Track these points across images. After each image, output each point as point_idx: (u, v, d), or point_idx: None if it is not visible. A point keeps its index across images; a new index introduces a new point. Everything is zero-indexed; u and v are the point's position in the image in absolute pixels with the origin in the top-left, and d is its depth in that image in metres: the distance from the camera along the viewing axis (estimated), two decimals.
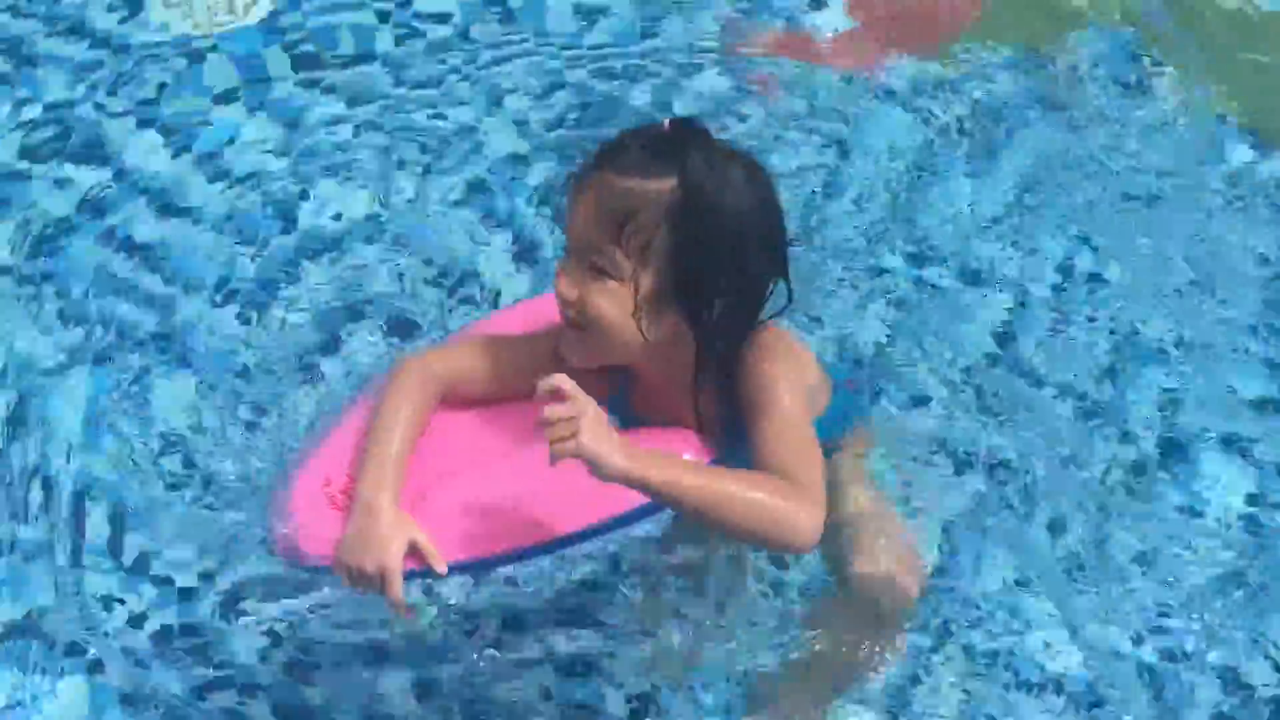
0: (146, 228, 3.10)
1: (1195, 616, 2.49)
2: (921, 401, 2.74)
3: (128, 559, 2.54)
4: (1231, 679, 2.43)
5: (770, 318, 2.15)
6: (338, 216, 3.12)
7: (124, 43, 3.49)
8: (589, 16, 3.58)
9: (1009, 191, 3.18)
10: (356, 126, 3.31)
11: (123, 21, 3.54)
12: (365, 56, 3.47)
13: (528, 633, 2.38)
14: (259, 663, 2.41)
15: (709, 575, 2.38)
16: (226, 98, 3.38)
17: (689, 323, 2.08)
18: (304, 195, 3.17)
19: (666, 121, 2.09)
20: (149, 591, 2.50)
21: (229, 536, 2.51)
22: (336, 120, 3.33)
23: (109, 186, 3.19)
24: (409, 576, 1.99)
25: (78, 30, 3.52)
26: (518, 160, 3.24)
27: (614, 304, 2.05)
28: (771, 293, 2.14)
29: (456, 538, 2.02)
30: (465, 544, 2.02)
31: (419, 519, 2.03)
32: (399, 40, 3.51)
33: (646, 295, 2.05)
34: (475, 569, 2.08)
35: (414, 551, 2.01)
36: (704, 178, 2.01)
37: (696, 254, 2.03)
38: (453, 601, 2.36)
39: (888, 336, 2.86)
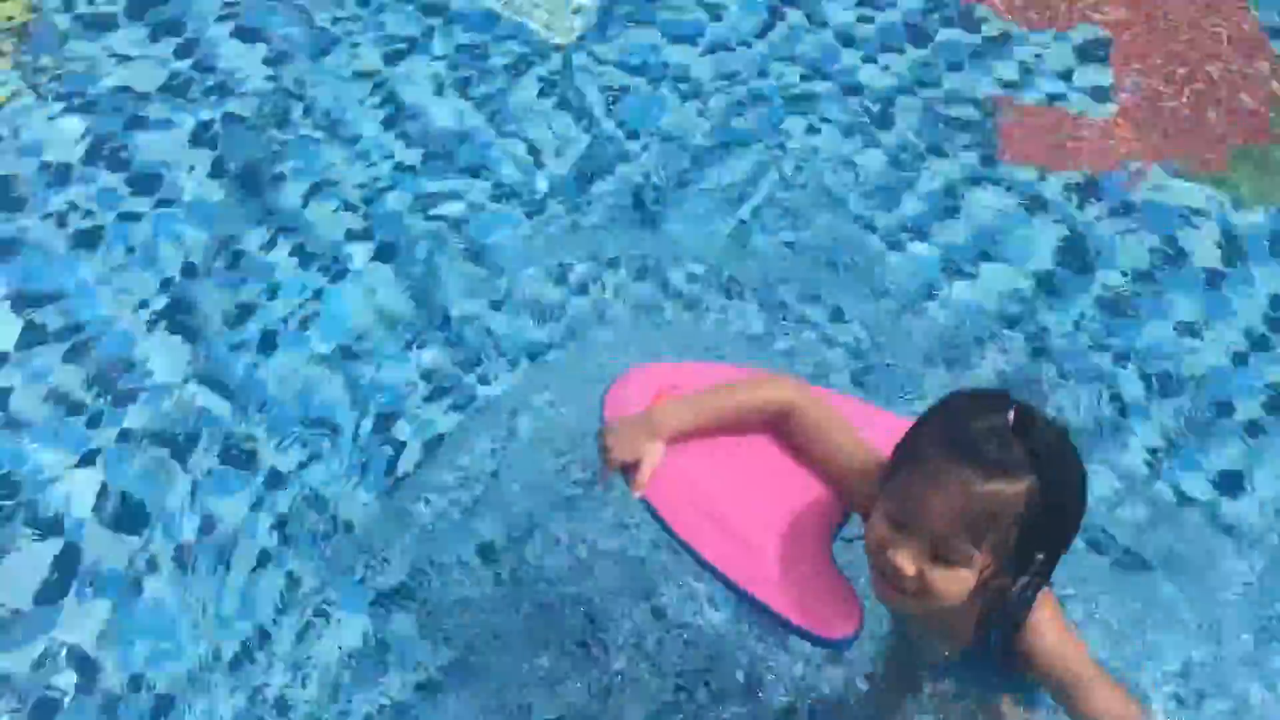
0: None
1: None
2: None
3: None
4: None
5: None
6: None
7: None
8: None
9: None
10: None
11: None
12: None
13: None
14: None
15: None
16: None
17: (1009, 585, 2.22)
18: None
19: (1011, 413, 2.11)
20: None
21: None
22: None
23: None
24: (622, 469, 2.33)
25: None
26: None
27: (959, 588, 2.15)
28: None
29: (671, 490, 2.33)
30: (670, 502, 2.32)
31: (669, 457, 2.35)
32: None
33: (986, 577, 2.17)
34: (659, 521, 2.33)
35: (637, 464, 2.32)
36: (1059, 477, 2.12)
37: (1044, 540, 2.17)
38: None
39: None
